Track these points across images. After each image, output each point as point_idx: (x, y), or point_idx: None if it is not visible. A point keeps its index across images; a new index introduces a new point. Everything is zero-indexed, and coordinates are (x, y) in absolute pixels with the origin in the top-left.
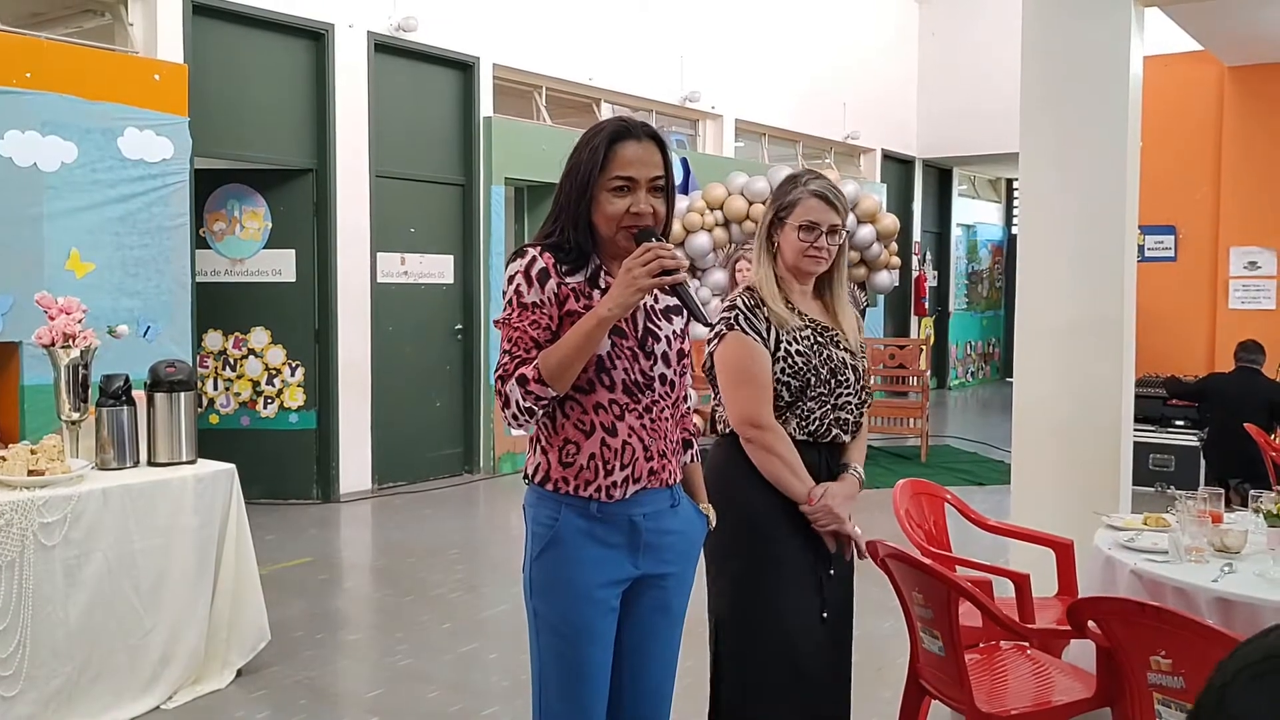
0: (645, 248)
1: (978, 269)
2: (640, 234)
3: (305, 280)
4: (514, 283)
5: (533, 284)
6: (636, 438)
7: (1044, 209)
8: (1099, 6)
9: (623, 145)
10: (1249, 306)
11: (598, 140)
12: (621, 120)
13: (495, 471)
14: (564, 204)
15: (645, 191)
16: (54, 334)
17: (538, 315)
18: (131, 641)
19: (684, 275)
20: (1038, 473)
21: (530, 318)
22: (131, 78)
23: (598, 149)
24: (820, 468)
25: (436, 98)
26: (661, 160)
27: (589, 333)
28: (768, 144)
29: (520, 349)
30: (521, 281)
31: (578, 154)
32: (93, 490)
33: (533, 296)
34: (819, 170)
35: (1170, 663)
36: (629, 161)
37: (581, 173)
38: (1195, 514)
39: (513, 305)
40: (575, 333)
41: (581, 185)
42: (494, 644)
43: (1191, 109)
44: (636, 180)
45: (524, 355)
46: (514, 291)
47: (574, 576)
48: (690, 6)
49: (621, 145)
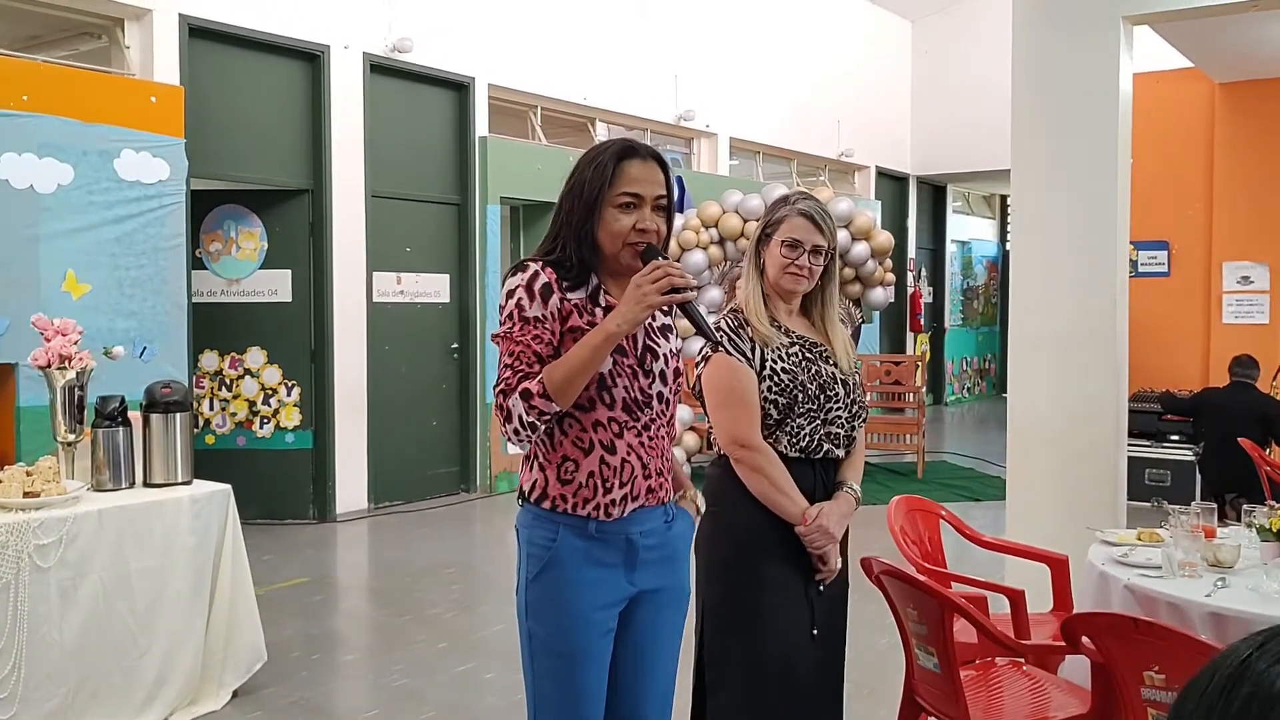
0: (655, 265)
1: (973, 285)
2: (646, 251)
3: (301, 300)
4: (515, 296)
5: (535, 298)
6: (635, 455)
7: (1037, 225)
8: (1089, 24)
9: (629, 163)
10: (1242, 321)
11: (604, 157)
12: (627, 140)
13: (492, 490)
14: (566, 220)
15: (650, 209)
16: (50, 355)
17: (540, 330)
18: (127, 663)
19: (693, 294)
20: (1033, 488)
21: (532, 332)
22: (128, 100)
23: (605, 165)
24: (815, 485)
25: (432, 118)
26: (664, 180)
27: (597, 348)
28: (762, 162)
29: (522, 363)
30: (523, 295)
31: (581, 171)
32: (88, 511)
33: (535, 311)
34: (811, 191)
35: (1164, 678)
36: (635, 179)
37: (588, 188)
38: (1188, 529)
39: (513, 319)
40: (583, 348)
41: (589, 201)
42: (490, 664)
43: (1183, 125)
44: (642, 197)
45: (526, 370)
46: (515, 305)
47: (572, 598)
48: (684, 26)
49: (628, 163)
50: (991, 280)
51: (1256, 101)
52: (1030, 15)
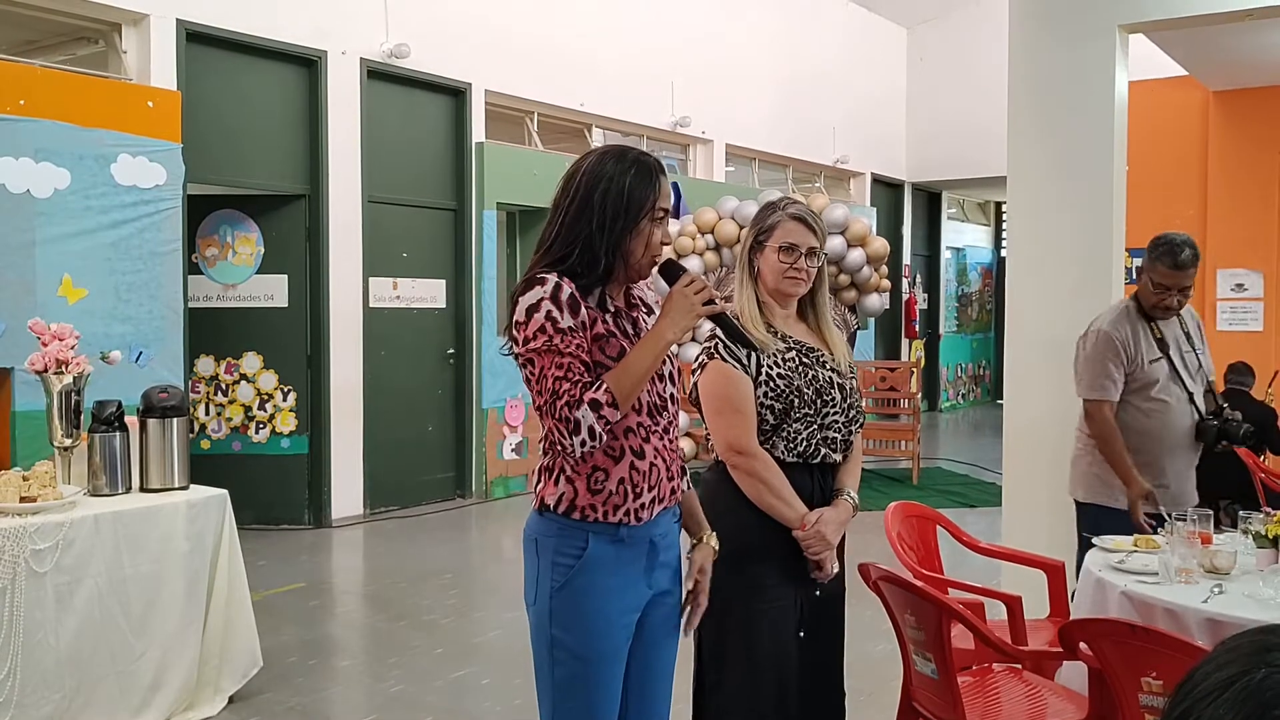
0: (691, 277)
1: (968, 292)
2: (668, 264)
3: (297, 305)
4: (542, 309)
5: (563, 310)
6: (660, 458)
7: (1033, 232)
8: (1085, 32)
9: (664, 179)
10: (1236, 328)
11: (647, 171)
12: (648, 153)
13: (487, 496)
14: (599, 226)
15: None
16: (47, 360)
17: (580, 339)
18: (122, 668)
19: (726, 305)
20: (1029, 495)
21: (575, 341)
22: (125, 105)
23: (653, 178)
24: (813, 491)
25: (428, 123)
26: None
27: (659, 353)
28: (758, 168)
29: (575, 374)
30: (552, 307)
31: (616, 179)
32: (84, 516)
33: (568, 321)
34: (807, 197)
35: (1161, 684)
36: (667, 194)
37: (634, 198)
38: (1185, 536)
39: (548, 332)
40: (645, 354)
41: (637, 211)
42: (486, 669)
43: (1177, 133)
44: (669, 212)
45: (583, 379)
46: (546, 318)
47: (601, 605)
48: (680, 33)
49: (663, 179)
50: (986, 287)
51: (1250, 110)
52: (1026, 23)
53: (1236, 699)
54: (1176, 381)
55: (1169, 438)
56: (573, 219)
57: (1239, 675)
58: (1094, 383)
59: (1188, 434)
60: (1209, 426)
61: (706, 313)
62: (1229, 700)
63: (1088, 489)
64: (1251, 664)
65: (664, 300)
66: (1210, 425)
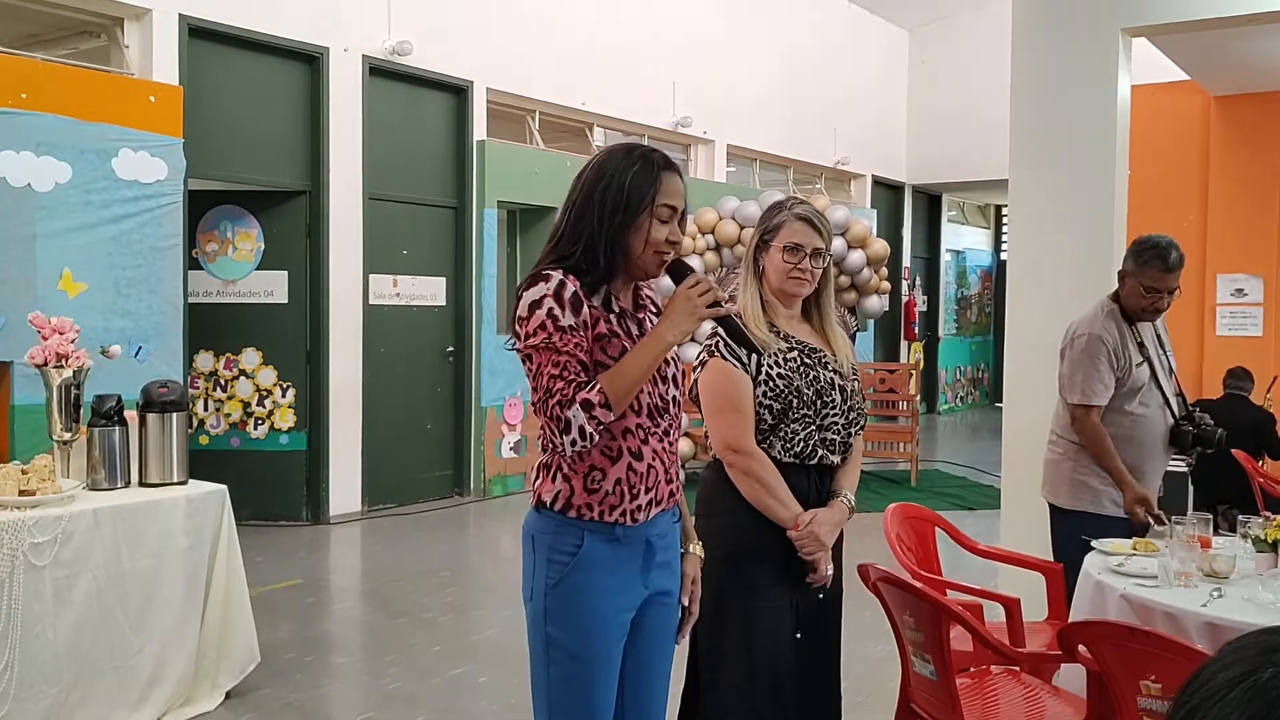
0: (696, 279)
1: (967, 294)
2: (677, 265)
3: (297, 301)
4: (544, 306)
5: (565, 307)
6: (659, 460)
7: (1033, 235)
8: (1088, 36)
9: (671, 175)
10: (1236, 333)
11: (650, 165)
12: (658, 150)
13: (486, 494)
14: (599, 223)
15: (679, 222)
16: (47, 354)
17: (579, 338)
18: (120, 662)
19: (731, 308)
20: (1028, 497)
21: (573, 340)
22: (126, 99)
23: (654, 174)
24: (810, 493)
25: (430, 121)
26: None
27: (658, 356)
28: (759, 169)
29: (571, 373)
30: (554, 305)
31: (617, 177)
32: (83, 510)
33: (569, 320)
34: (805, 197)
35: (1160, 687)
36: (675, 191)
37: (633, 194)
38: (1184, 539)
39: (548, 329)
40: (642, 356)
41: (635, 207)
42: (484, 667)
43: (1178, 137)
44: (677, 210)
45: (578, 379)
46: (547, 316)
47: (596, 604)
48: (683, 33)
49: (671, 175)
50: (985, 290)
51: (1252, 114)
52: (1029, 25)
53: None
54: (1155, 385)
55: (1149, 442)
56: (578, 215)
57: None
58: (1086, 387)
59: (1164, 438)
60: (1185, 432)
61: (709, 315)
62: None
63: (1072, 496)
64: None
65: (667, 302)
66: (1186, 431)
